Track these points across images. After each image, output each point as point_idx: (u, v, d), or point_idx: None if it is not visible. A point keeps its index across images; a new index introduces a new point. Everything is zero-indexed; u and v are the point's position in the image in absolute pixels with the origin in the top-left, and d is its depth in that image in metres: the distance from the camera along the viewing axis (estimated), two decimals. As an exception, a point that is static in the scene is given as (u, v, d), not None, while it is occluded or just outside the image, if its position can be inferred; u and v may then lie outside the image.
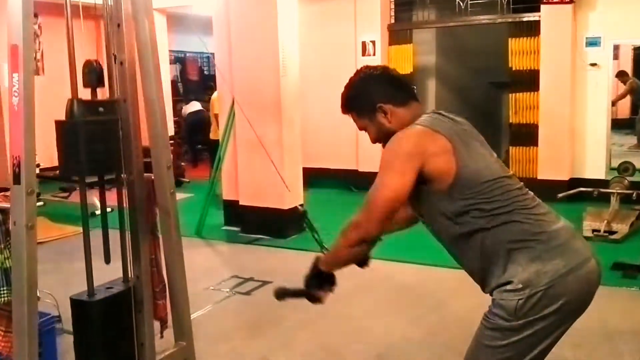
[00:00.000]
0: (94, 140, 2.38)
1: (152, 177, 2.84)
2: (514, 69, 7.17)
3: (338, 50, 8.24)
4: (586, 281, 1.78)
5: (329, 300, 2.05)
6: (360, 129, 2.01)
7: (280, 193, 5.71)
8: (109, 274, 2.55)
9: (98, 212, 2.63)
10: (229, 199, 6.30)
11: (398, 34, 7.98)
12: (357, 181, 8.20)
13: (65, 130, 2.36)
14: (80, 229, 2.51)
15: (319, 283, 1.98)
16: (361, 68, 2.03)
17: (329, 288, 2.00)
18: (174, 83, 10.98)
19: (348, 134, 8.22)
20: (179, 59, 12.01)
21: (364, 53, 7.96)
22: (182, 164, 9.82)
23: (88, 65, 2.45)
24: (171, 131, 10.49)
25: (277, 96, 5.64)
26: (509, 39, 7.15)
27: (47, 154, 2.67)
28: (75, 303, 2.48)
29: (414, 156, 1.75)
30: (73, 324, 2.54)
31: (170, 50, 11.05)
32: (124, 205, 2.61)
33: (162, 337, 3.08)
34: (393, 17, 8.05)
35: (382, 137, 1.93)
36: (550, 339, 1.75)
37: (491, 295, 1.80)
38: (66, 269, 4.55)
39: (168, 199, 2.83)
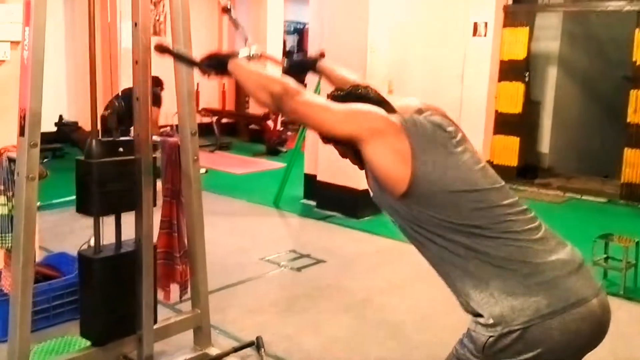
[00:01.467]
0: (108, 180, 2.41)
1: (178, 142, 2.85)
2: (637, 63, 6.39)
3: (447, 30, 7.84)
4: (575, 330, 1.47)
5: (375, 290, 1.85)
6: (342, 155, 1.81)
7: (357, 173, 5.54)
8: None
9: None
10: (309, 173, 6.26)
11: (515, 15, 7.42)
12: (454, 169, 7.84)
13: (80, 170, 2.42)
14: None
15: (218, 69, 1.88)
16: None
17: (222, 75, 1.89)
18: (288, 53, 11.07)
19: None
20: (297, 30, 12.09)
21: (474, 33, 7.50)
22: (288, 133, 9.89)
23: (111, 106, 2.47)
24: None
25: (363, 72, 5.45)
26: (636, 30, 6.36)
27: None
28: (81, 258, 2.55)
29: (371, 120, 1.58)
30: (78, 278, 2.62)
31: (286, 21, 11.16)
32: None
33: (180, 301, 3.12)
34: (512, -3, 7.49)
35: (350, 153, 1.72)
36: None
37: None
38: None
39: (191, 166, 2.82)
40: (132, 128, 2.52)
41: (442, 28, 7.85)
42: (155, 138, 2.83)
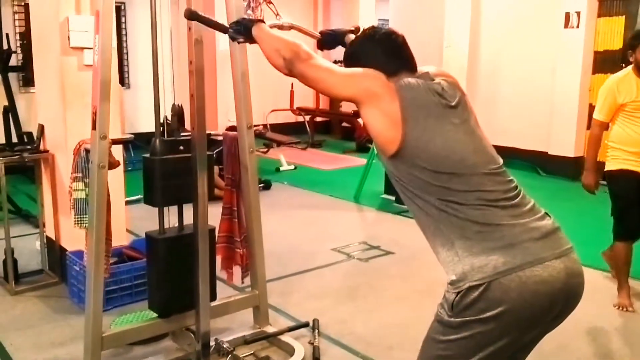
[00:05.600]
0: (171, 175, 2.72)
1: (237, 136, 3.10)
2: None
3: (539, 21, 7.64)
4: (534, 291, 1.53)
5: (437, 282, 1.97)
6: None
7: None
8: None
9: (282, 167, 2.90)
10: (389, 168, 6.36)
11: (610, 4, 7.08)
12: (546, 164, 7.62)
13: (146, 166, 2.76)
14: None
15: (244, 35, 1.97)
16: (366, 29, 1.95)
17: (245, 40, 1.99)
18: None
19: (542, 114, 7.67)
20: (390, 28, 12.18)
21: (566, 25, 7.24)
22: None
23: (172, 109, 2.76)
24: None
25: (439, 67, 5.49)
26: None
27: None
28: (148, 238, 2.87)
29: (370, 83, 1.68)
30: (146, 256, 2.95)
31: (379, 19, 11.27)
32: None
33: (242, 282, 3.38)
34: (607, -15, 7.15)
35: None
36: (494, 348, 1.56)
37: None
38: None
39: (247, 157, 3.06)
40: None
41: (533, 19, 7.67)
42: (216, 133, 3.11)
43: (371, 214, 6.02)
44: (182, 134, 2.90)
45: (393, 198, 6.19)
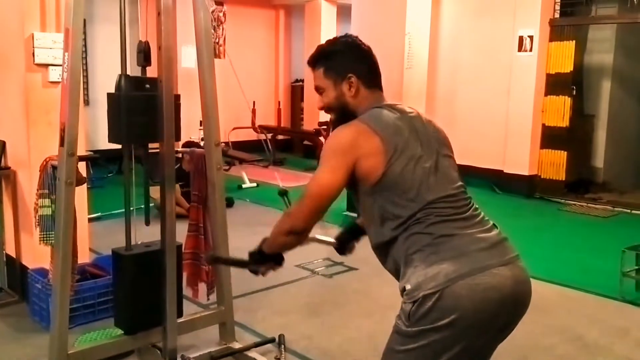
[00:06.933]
0: (136, 113, 2.68)
1: (204, 153, 3.14)
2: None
3: (494, 44, 7.94)
4: (483, 298, 1.62)
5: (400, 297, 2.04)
6: (317, 88, 1.96)
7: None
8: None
9: (245, 185, 2.83)
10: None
11: (561, 29, 7.41)
12: (501, 182, 7.86)
13: (111, 102, 2.71)
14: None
15: (262, 259, 2.03)
16: (351, 35, 2.01)
17: (272, 265, 2.04)
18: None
19: (497, 134, 7.92)
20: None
21: (520, 49, 7.54)
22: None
23: (138, 46, 2.75)
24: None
25: (400, 88, 5.65)
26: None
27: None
28: (114, 255, 2.87)
29: (347, 154, 1.75)
30: (112, 272, 2.94)
31: (340, 40, 11.47)
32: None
33: (208, 299, 3.39)
34: (558, 11, 7.49)
35: (335, 106, 1.91)
36: (450, 355, 1.64)
37: None
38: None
39: (215, 173, 3.09)
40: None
41: (489, 44, 7.95)
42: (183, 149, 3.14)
43: (334, 231, 6.05)
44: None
45: (355, 215, 6.27)
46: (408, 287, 1.67)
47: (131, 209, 2.83)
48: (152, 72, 2.75)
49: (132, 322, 2.87)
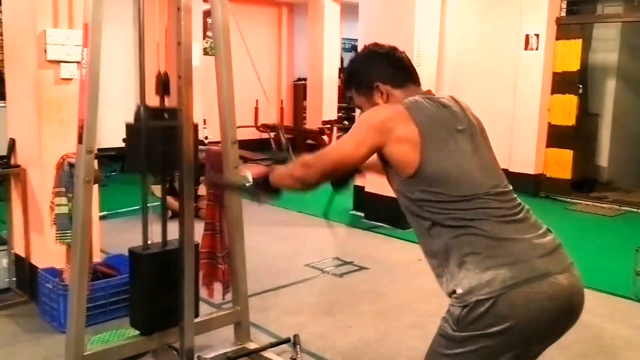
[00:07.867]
0: (155, 142, 2.63)
1: (220, 151, 3.10)
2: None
3: (500, 42, 7.91)
4: (540, 307, 1.57)
5: (412, 296, 2.03)
6: (357, 107, 1.97)
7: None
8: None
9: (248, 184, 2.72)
10: (358, 185, 6.42)
11: (568, 28, 7.38)
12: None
13: (130, 132, 2.65)
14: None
15: (264, 188, 2.00)
16: (367, 44, 1.98)
17: (273, 196, 2.03)
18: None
19: (503, 133, 7.88)
20: (354, 47, 12.35)
21: (526, 47, 7.51)
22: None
23: (158, 77, 2.71)
24: (334, 115, 10.90)
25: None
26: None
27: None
28: (131, 254, 2.82)
29: (379, 133, 1.70)
30: (129, 272, 2.90)
31: (343, 39, 11.43)
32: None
33: (224, 298, 3.35)
34: (564, 9, 7.46)
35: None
36: None
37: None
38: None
39: (232, 172, 3.05)
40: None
41: (495, 42, 7.93)
42: (201, 147, 3.09)
43: (341, 230, 6.06)
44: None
45: (362, 214, 6.26)
46: (459, 290, 1.61)
47: (148, 206, 2.79)
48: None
49: (149, 322, 2.82)
